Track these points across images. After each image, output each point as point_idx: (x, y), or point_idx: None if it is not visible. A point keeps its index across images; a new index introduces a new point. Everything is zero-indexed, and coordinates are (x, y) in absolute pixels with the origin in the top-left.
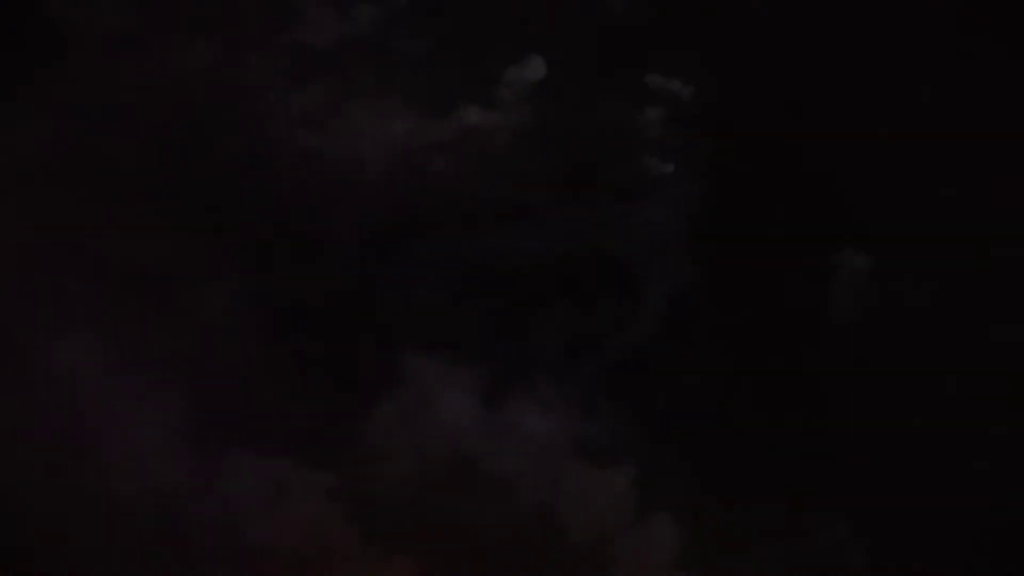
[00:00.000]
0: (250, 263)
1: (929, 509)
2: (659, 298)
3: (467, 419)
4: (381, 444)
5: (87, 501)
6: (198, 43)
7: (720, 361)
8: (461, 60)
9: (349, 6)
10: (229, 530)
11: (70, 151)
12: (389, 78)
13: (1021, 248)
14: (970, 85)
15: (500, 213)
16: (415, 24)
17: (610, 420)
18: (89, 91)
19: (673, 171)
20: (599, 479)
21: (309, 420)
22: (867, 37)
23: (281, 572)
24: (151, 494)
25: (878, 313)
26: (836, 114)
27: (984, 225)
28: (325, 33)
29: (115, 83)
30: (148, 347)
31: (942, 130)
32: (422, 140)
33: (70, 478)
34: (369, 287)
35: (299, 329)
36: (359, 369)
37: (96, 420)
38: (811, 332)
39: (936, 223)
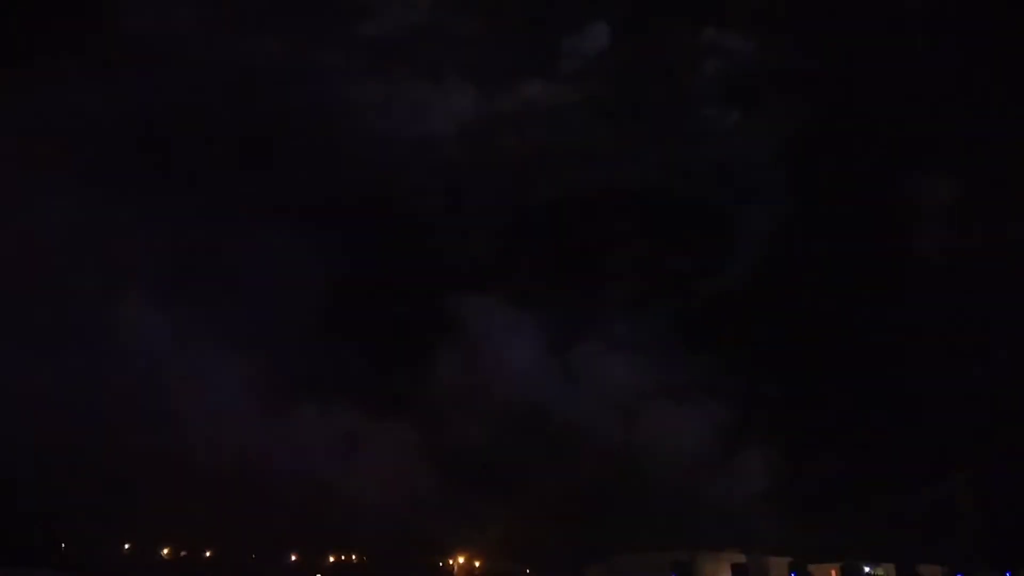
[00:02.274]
0: (317, 226)
1: None
2: (746, 240)
3: (534, 364)
4: (448, 392)
5: (163, 460)
6: (268, 40)
7: (810, 306)
8: (520, 34)
9: None
10: (304, 482)
11: (141, 136)
12: (451, 58)
13: None
14: None
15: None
16: (472, 3)
17: (689, 365)
18: (160, 84)
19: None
20: (676, 423)
21: (377, 371)
22: None
23: (356, 521)
24: (226, 451)
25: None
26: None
27: None
28: (387, 21)
29: (185, 78)
30: (215, 309)
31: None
32: (485, 114)
33: (147, 438)
34: (430, 236)
35: (362, 281)
36: (423, 318)
37: (169, 382)
38: (902, 277)
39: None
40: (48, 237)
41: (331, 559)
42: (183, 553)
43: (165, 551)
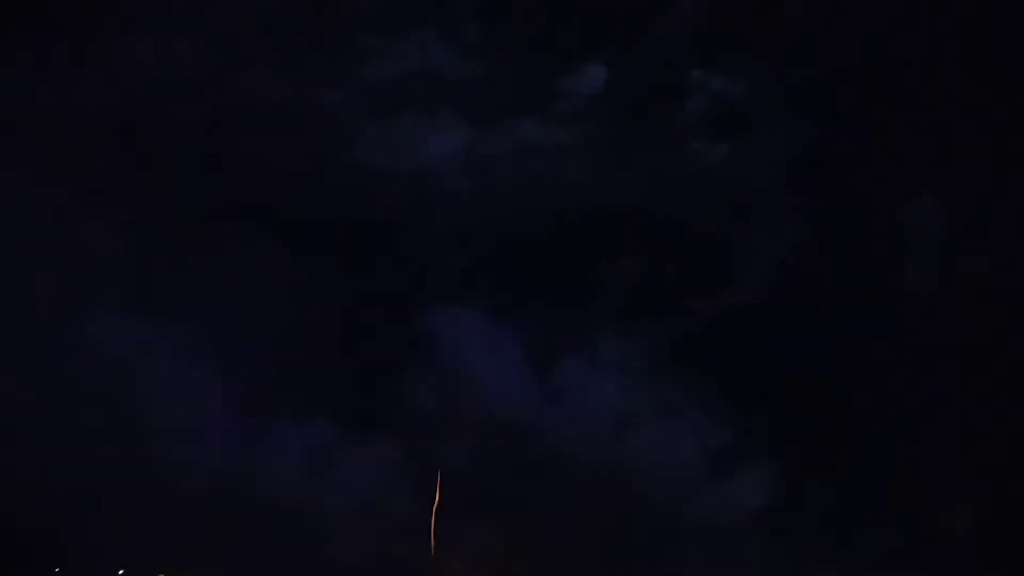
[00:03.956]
0: (296, 242)
1: None
2: (742, 260)
3: (515, 382)
4: (427, 408)
5: (135, 473)
6: (273, 80)
7: (809, 326)
8: (516, 75)
9: (406, 35)
10: (277, 497)
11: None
12: (448, 98)
13: None
14: None
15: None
16: (470, 45)
17: (681, 385)
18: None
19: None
20: (668, 444)
21: (354, 386)
22: None
23: (333, 538)
24: (199, 465)
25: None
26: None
27: None
28: (387, 64)
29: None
30: (191, 323)
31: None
32: (480, 151)
33: (119, 452)
34: (412, 250)
35: (341, 295)
36: (404, 332)
37: (142, 395)
38: (904, 298)
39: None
40: (17, 244)
41: None
42: None
43: (120, 572)
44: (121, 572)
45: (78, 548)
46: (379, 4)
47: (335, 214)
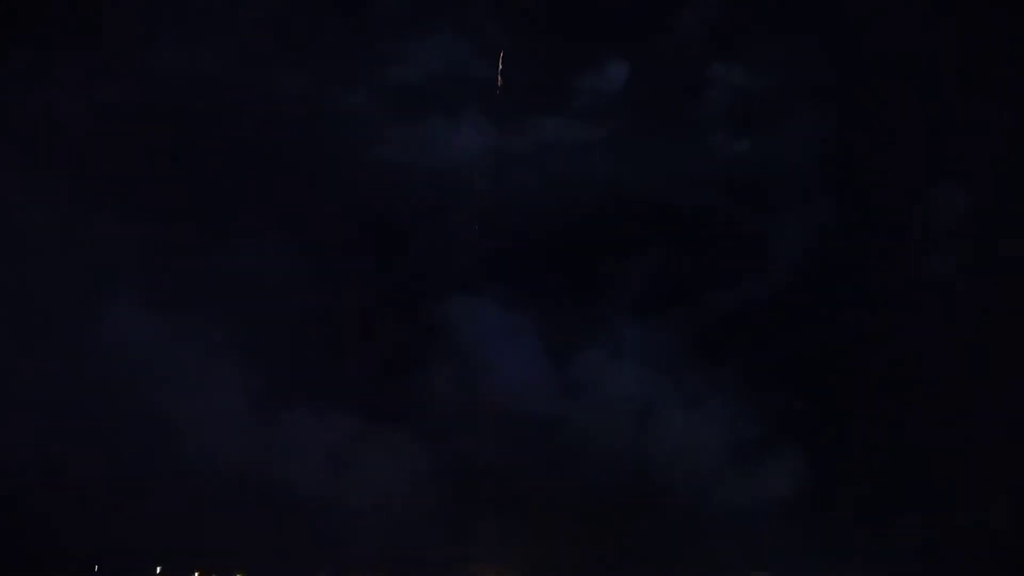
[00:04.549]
0: (316, 236)
1: None
2: (765, 251)
3: (536, 373)
4: (447, 400)
5: (160, 469)
6: (298, 83)
7: (836, 316)
8: (538, 74)
9: (429, 37)
10: (298, 489)
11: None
12: (471, 98)
13: None
14: None
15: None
16: (491, 46)
17: (707, 375)
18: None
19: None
20: (693, 436)
21: (374, 379)
22: None
23: (353, 530)
24: (222, 458)
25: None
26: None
27: None
28: (410, 65)
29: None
30: (213, 318)
31: None
32: (504, 151)
33: (143, 448)
34: (430, 241)
35: (358, 286)
36: (423, 325)
37: (161, 388)
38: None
39: None
40: (42, 242)
41: None
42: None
43: (158, 570)
44: (159, 570)
45: (112, 545)
46: (402, 7)
47: (356, 210)
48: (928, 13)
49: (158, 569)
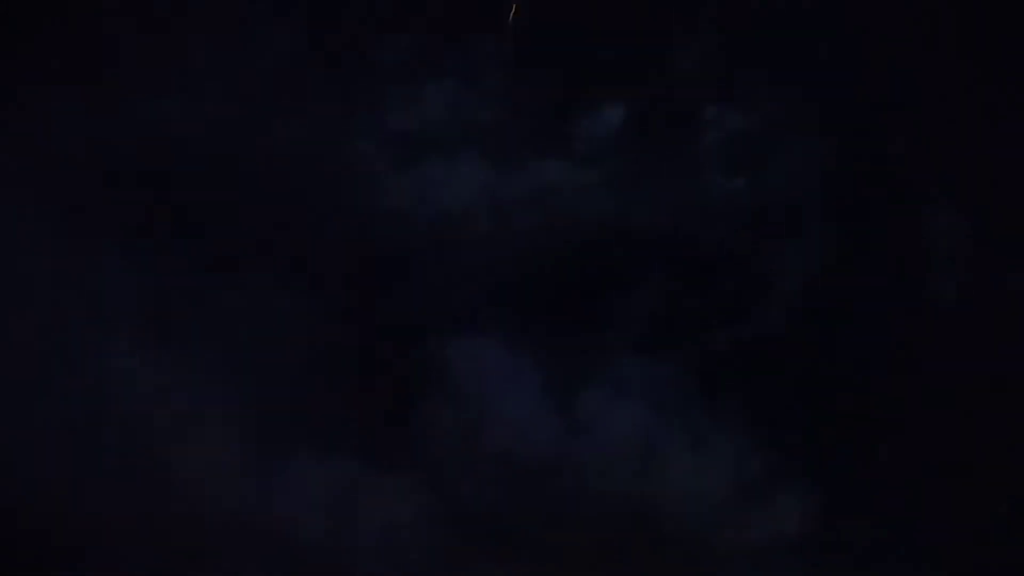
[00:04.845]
0: (315, 276)
1: None
2: (771, 286)
3: (536, 413)
4: (442, 443)
5: (150, 508)
6: (286, 125)
7: (844, 353)
8: (537, 117)
9: (429, 84)
10: (295, 533)
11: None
12: (470, 142)
13: None
14: None
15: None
16: (491, 91)
17: (707, 415)
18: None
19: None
20: (697, 476)
21: (370, 420)
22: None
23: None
24: (216, 500)
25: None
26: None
27: None
28: (410, 112)
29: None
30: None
31: None
32: (502, 195)
33: (131, 485)
34: (429, 280)
35: (355, 328)
36: (421, 365)
37: (155, 427)
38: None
39: None
40: (38, 281)
41: None
42: None
43: None
44: None
45: None
46: (403, 54)
47: (355, 254)
48: (923, 44)
49: None
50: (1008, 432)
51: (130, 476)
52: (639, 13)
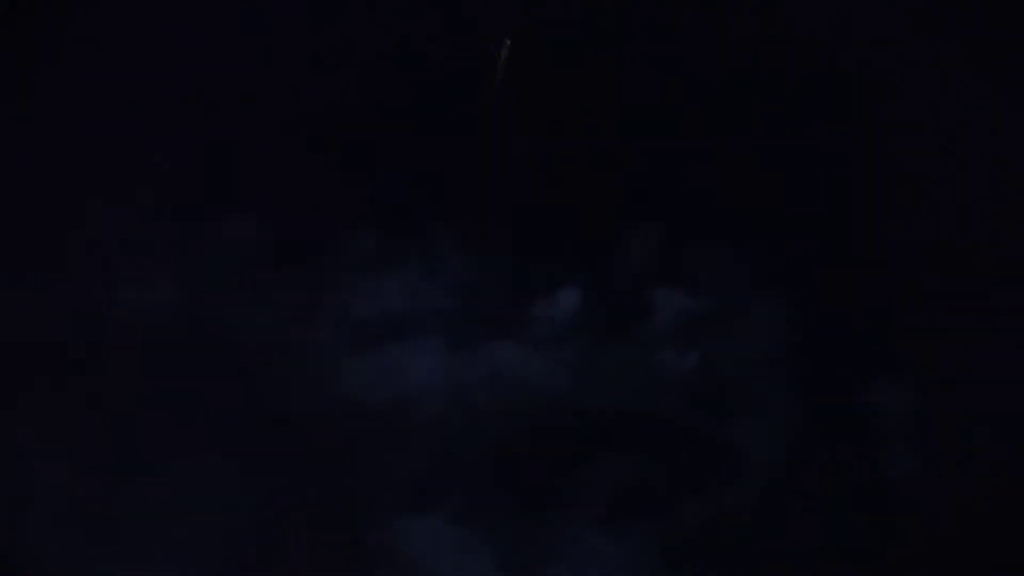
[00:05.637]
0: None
1: None
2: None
3: None
4: None
5: None
6: (255, 320)
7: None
8: (494, 302)
9: (391, 274)
10: None
11: None
12: (429, 329)
13: None
14: None
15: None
16: (452, 279)
17: None
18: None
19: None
20: None
21: None
22: None
23: None
24: None
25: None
26: None
27: None
28: (372, 302)
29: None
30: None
31: None
32: (456, 377)
33: None
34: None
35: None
36: (365, 546)
37: None
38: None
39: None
40: None
41: None
42: None
43: None
44: None
45: None
46: (367, 244)
47: (306, 436)
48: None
49: None
50: None
51: None
52: (590, 196)
